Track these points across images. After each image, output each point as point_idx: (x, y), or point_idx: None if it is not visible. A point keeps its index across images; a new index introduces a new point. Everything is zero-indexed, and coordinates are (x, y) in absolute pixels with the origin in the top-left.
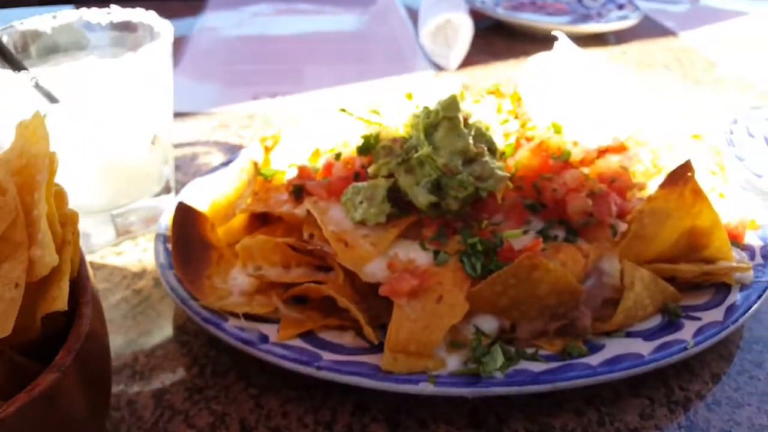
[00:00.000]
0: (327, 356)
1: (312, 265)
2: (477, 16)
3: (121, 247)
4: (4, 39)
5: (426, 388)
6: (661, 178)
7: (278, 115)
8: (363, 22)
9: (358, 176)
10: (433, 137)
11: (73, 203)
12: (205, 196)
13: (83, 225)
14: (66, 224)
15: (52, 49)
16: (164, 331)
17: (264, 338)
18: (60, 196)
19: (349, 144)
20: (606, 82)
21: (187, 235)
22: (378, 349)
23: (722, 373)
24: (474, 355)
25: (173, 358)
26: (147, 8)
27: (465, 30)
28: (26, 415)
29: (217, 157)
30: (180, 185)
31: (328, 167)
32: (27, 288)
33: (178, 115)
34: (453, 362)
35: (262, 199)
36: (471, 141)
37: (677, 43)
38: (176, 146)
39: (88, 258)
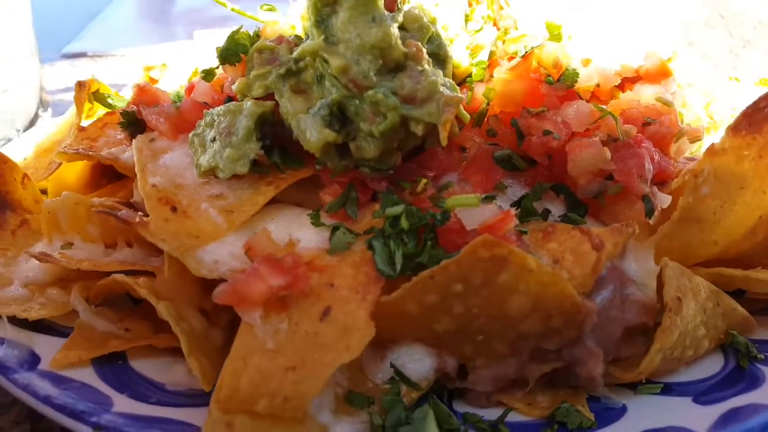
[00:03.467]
0: (121, 404)
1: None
2: None
3: None
4: None
5: None
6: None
7: None
8: None
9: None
10: (330, 23)
11: None
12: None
13: None
14: None
15: None
16: None
17: (32, 361)
18: None
19: None
20: None
21: None
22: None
23: None
24: (383, 425)
25: None
26: None
27: None
28: None
29: None
30: None
31: (190, 90)
32: None
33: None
34: None
35: (89, 137)
36: (396, 32)
37: None
38: None
39: None
